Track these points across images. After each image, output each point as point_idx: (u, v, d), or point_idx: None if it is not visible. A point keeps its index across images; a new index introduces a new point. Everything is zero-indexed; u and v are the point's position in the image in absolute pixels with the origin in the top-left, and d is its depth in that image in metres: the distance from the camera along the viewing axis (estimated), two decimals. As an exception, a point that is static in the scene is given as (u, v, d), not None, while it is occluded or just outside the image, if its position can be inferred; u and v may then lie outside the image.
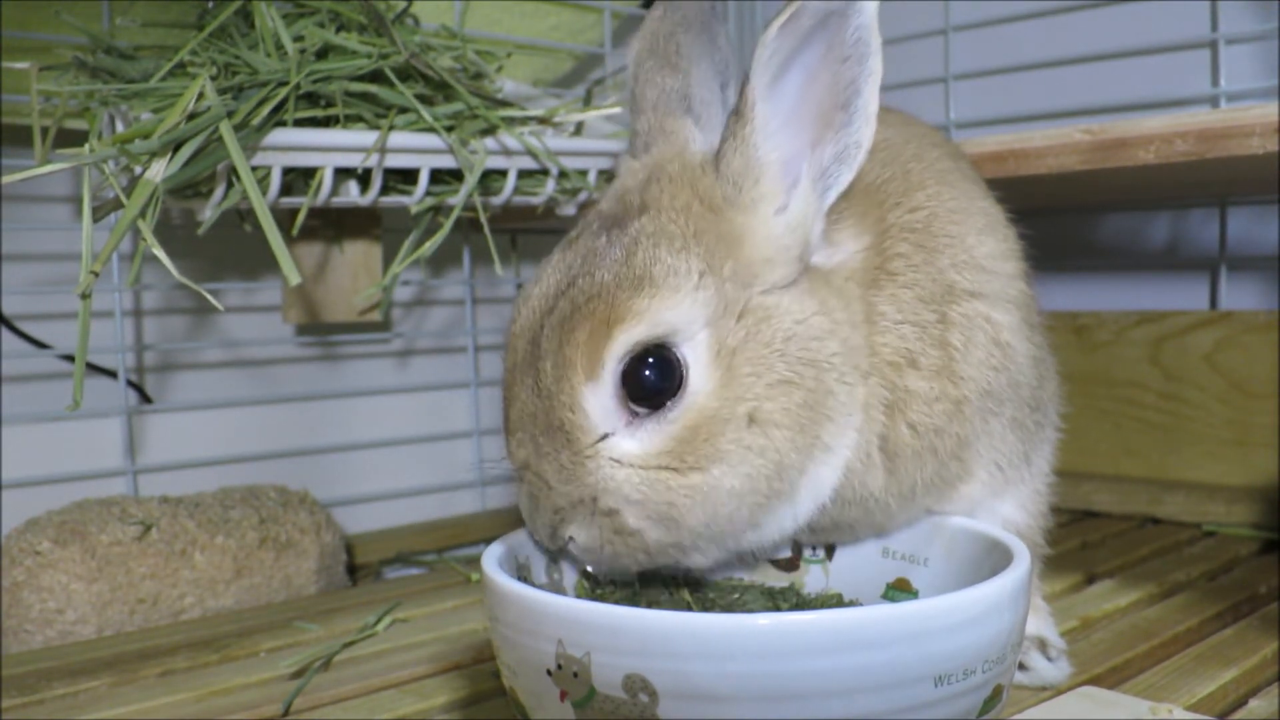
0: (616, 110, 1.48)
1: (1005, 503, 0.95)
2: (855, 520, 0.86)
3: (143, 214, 1.07)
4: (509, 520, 1.60)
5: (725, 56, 0.90)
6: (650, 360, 0.73)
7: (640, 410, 0.74)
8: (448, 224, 1.33)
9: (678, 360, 0.74)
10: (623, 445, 0.74)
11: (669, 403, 0.74)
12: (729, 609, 0.86)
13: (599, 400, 0.74)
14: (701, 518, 0.75)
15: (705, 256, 0.75)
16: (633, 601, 0.85)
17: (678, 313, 0.73)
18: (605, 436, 0.74)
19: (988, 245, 0.91)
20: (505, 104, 1.39)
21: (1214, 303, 1.70)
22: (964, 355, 0.85)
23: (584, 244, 0.79)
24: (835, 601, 0.90)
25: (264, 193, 1.19)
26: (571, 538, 0.77)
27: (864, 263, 0.84)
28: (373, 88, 1.27)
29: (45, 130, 1.17)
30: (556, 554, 0.83)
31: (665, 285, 0.73)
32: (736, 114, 0.77)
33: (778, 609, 0.86)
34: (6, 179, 1.07)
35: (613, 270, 0.75)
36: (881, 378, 0.82)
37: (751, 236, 0.77)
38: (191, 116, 1.10)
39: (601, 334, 0.73)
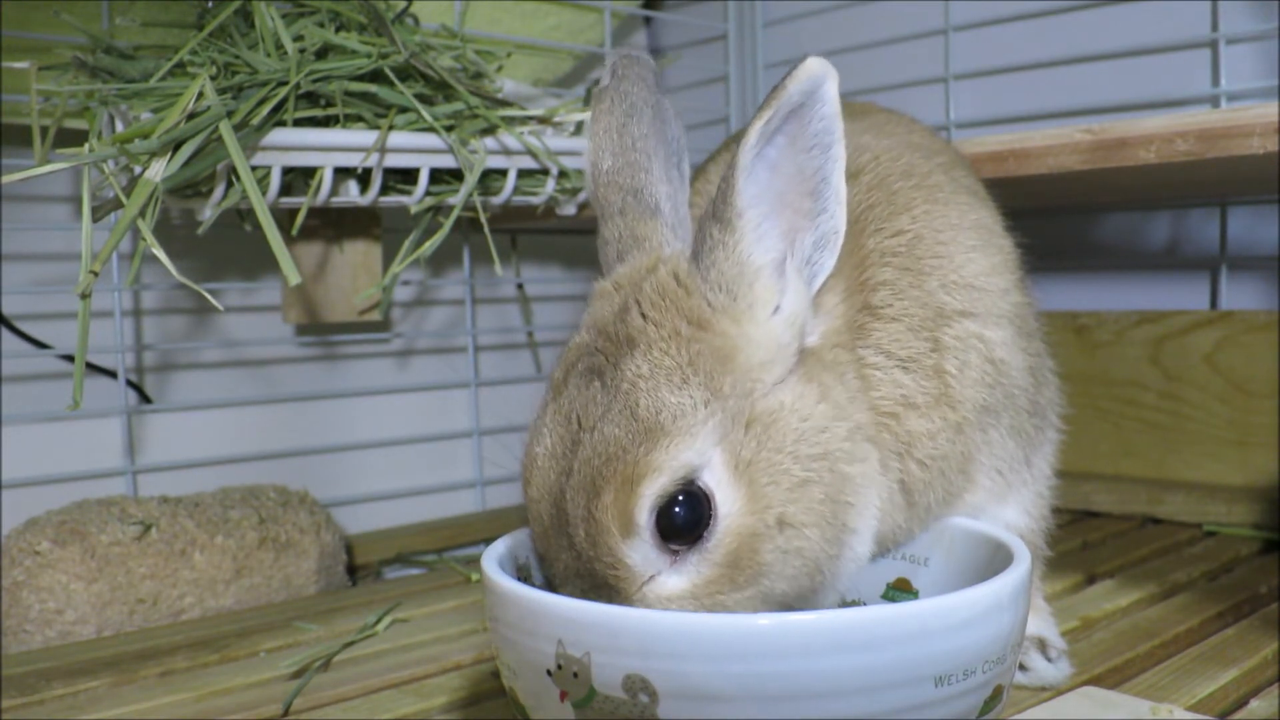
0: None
1: (1008, 507, 0.95)
2: (883, 551, 0.88)
3: (142, 214, 1.07)
4: (509, 520, 1.60)
5: (675, 134, 0.88)
6: (679, 500, 0.73)
7: (679, 547, 0.74)
8: (447, 224, 1.33)
9: (704, 493, 0.74)
10: (670, 583, 0.74)
11: (705, 533, 0.74)
12: (729, 609, 0.86)
13: (638, 553, 0.73)
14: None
15: (705, 383, 0.74)
16: None
17: (694, 450, 0.73)
18: (651, 578, 0.74)
19: (978, 262, 0.90)
20: (505, 104, 1.39)
21: (1214, 303, 1.70)
22: (959, 379, 0.86)
23: (577, 392, 0.77)
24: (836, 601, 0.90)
25: (264, 192, 1.19)
26: None
27: (844, 317, 0.84)
28: (372, 87, 1.26)
29: (45, 130, 1.17)
30: None
31: (677, 430, 0.73)
32: (720, 221, 0.75)
33: (778, 609, 0.86)
34: (6, 179, 1.07)
35: (621, 424, 0.73)
36: (887, 430, 0.83)
37: (748, 343, 0.76)
38: (191, 116, 1.10)
39: (627, 493, 0.72)
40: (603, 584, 0.74)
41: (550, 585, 0.79)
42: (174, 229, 1.55)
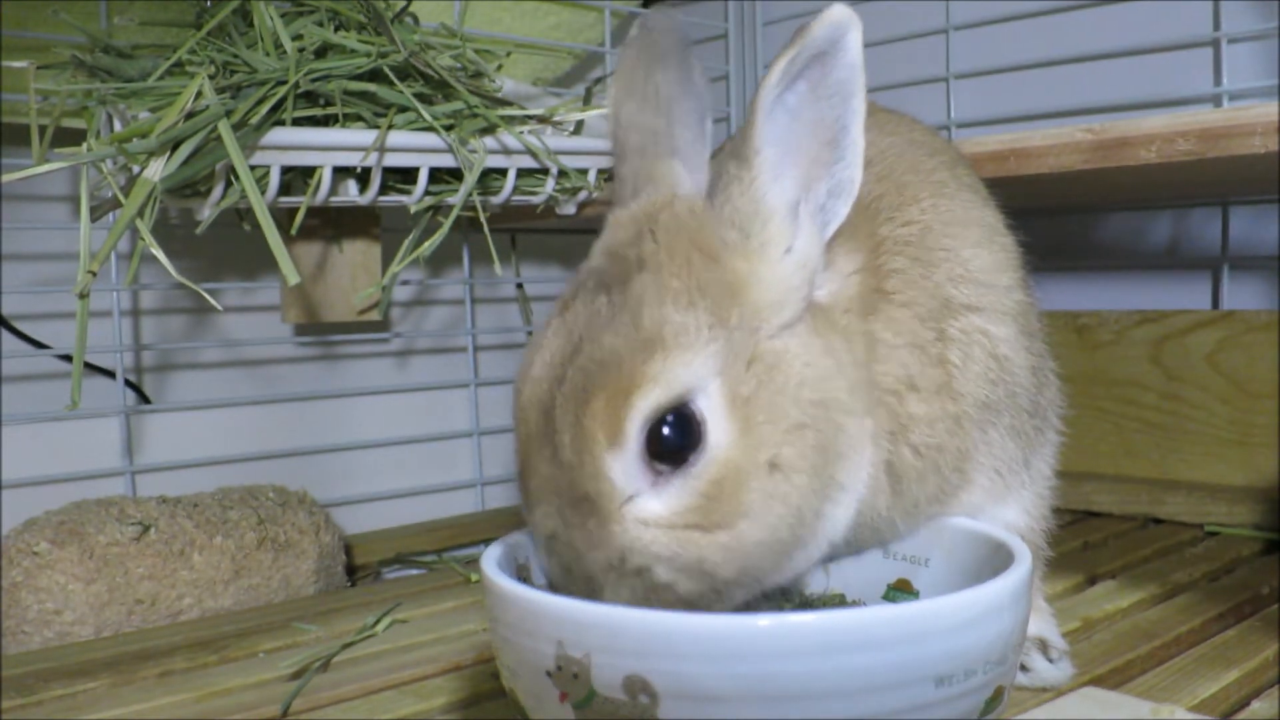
0: (616, 109, 1.48)
1: (1007, 508, 0.95)
2: (862, 541, 0.86)
3: (141, 213, 1.07)
4: (509, 520, 1.60)
5: (700, 90, 0.88)
6: (670, 420, 0.73)
7: (664, 469, 0.73)
8: (447, 223, 1.32)
9: (696, 417, 0.73)
10: (649, 506, 0.73)
11: (691, 457, 0.73)
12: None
13: (622, 466, 0.73)
14: (732, 570, 0.74)
15: (712, 309, 0.74)
16: None
17: (691, 370, 0.72)
18: (630, 499, 0.73)
19: (983, 258, 0.90)
20: (505, 103, 1.38)
21: (1215, 302, 1.69)
22: (962, 371, 0.85)
23: (583, 307, 0.77)
24: (838, 602, 0.90)
25: (263, 192, 1.19)
26: (608, 600, 0.76)
27: (860, 287, 0.84)
28: (372, 86, 1.26)
29: (43, 129, 1.17)
30: None
31: (677, 345, 0.72)
32: (739, 158, 0.76)
33: (780, 609, 0.86)
34: (5, 178, 1.07)
35: (621, 334, 0.73)
36: (885, 407, 0.82)
37: (758, 282, 0.76)
38: (190, 115, 1.10)
39: (619, 402, 0.72)
40: (581, 499, 0.73)
41: (524, 506, 0.78)
42: (173, 229, 1.55)
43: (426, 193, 1.33)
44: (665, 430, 0.72)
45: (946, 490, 0.87)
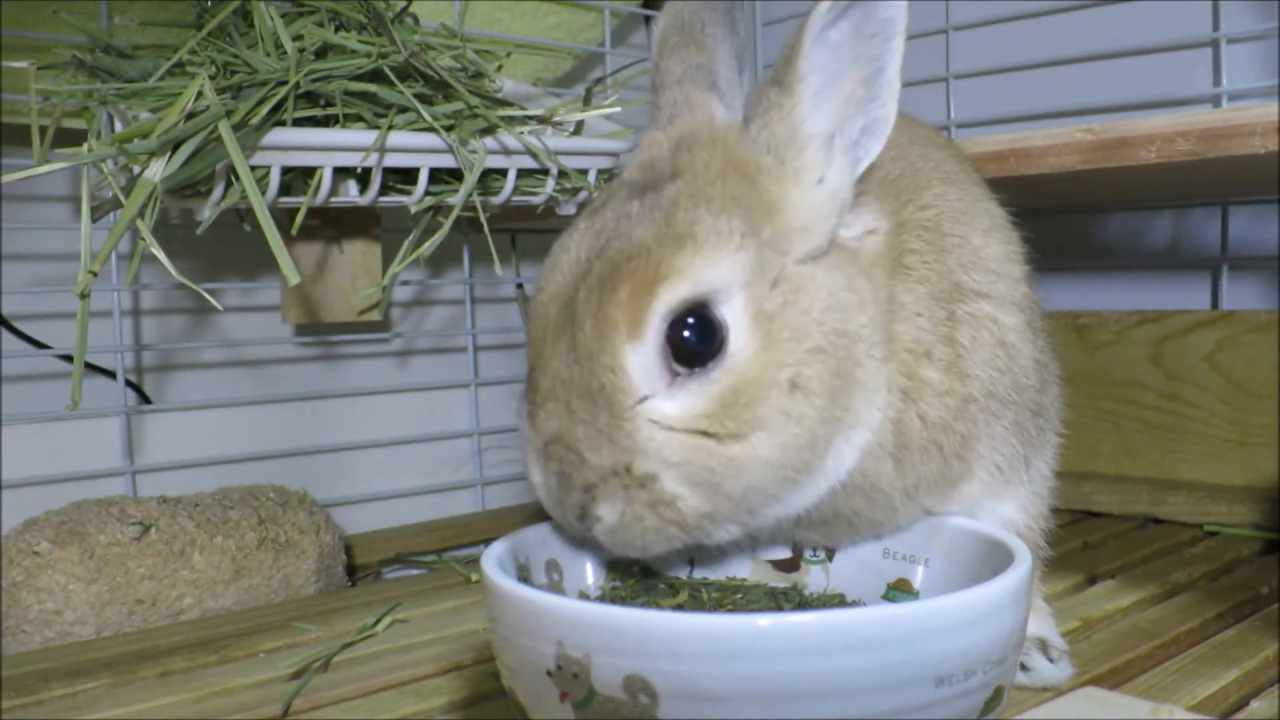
0: (617, 110, 1.48)
1: (1005, 504, 0.95)
2: (858, 511, 0.85)
3: (141, 213, 1.07)
4: (509, 520, 1.60)
5: (743, 41, 0.90)
6: (692, 320, 0.73)
7: (681, 371, 0.73)
8: (447, 224, 1.33)
9: (719, 321, 0.73)
10: (663, 407, 0.73)
11: (710, 364, 0.73)
12: (732, 610, 0.86)
13: (641, 360, 0.72)
14: (740, 486, 0.74)
15: (745, 219, 0.75)
16: (646, 599, 0.86)
17: (720, 271, 0.73)
18: (645, 399, 0.73)
19: (993, 247, 0.91)
20: (505, 103, 1.38)
21: (1215, 302, 1.69)
22: (970, 354, 0.85)
23: (615, 210, 0.78)
24: (837, 602, 0.90)
25: (263, 192, 1.19)
26: (600, 518, 0.75)
27: (886, 249, 0.85)
28: (372, 87, 1.26)
29: (44, 130, 1.17)
30: (581, 539, 0.80)
31: (708, 243, 0.73)
32: (779, 84, 0.77)
33: (780, 609, 0.86)
34: (5, 178, 1.07)
35: (652, 230, 0.74)
36: (900, 364, 0.82)
37: (789, 206, 0.77)
38: (190, 116, 1.10)
39: (644, 292, 0.72)
40: (595, 393, 0.72)
41: (527, 412, 0.77)
42: (173, 229, 1.55)
43: (427, 193, 1.33)
44: (686, 332, 0.72)
45: (948, 477, 0.87)
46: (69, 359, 1.48)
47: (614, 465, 0.73)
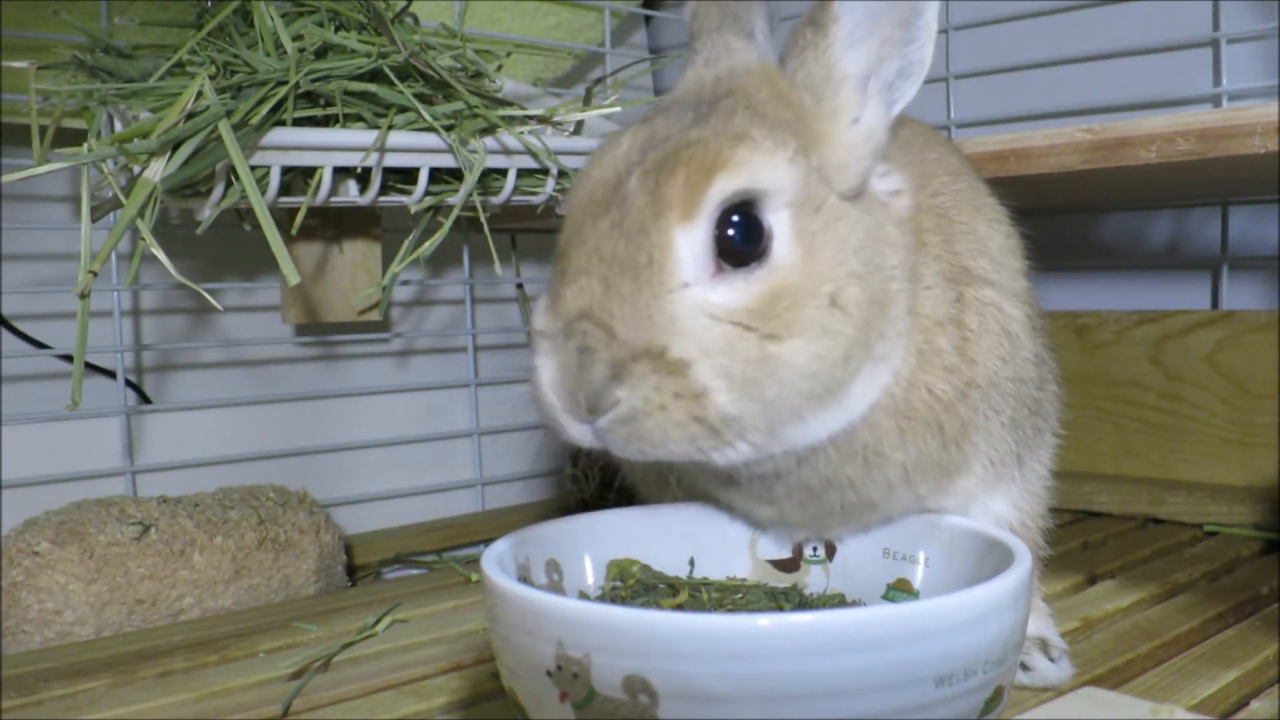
0: (617, 109, 1.48)
1: (997, 500, 0.95)
2: (853, 480, 0.84)
3: (141, 213, 1.07)
4: (509, 520, 1.60)
5: (773, 8, 0.91)
6: (738, 218, 0.73)
7: (726, 266, 0.73)
8: (447, 224, 1.32)
9: (765, 225, 0.74)
10: (702, 294, 0.72)
11: (754, 264, 0.73)
12: (732, 609, 0.86)
13: (690, 244, 0.72)
14: (772, 389, 0.73)
15: (795, 137, 0.76)
16: (646, 599, 0.86)
17: (775, 174, 0.74)
18: (687, 285, 0.72)
19: (998, 238, 0.93)
20: (505, 103, 1.38)
21: (1215, 302, 1.69)
22: (977, 338, 0.86)
23: (667, 118, 0.78)
24: (837, 602, 0.90)
25: (263, 192, 1.19)
26: (618, 400, 0.71)
27: (913, 213, 0.86)
28: (372, 87, 1.26)
29: (44, 130, 1.17)
30: (574, 447, 0.77)
31: (763, 146, 0.74)
32: (815, 25, 0.78)
33: (780, 609, 0.86)
34: (5, 178, 1.07)
35: (711, 127, 0.75)
36: (919, 325, 0.83)
37: (827, 142, 0.78)
38: (190, 116, 1.10)
39: (701, 178, 0.72)
40: (642, 268, 0.71)
41: (551, 292, 0.75)
42: (173, 229, 1.55)
43: (427, 193, 1.33)
44: (732, 230, 0.73)
45: (945, 467, 0.87)
46: (69, 359, 1.48)
47: (649, 345, 0.71)
